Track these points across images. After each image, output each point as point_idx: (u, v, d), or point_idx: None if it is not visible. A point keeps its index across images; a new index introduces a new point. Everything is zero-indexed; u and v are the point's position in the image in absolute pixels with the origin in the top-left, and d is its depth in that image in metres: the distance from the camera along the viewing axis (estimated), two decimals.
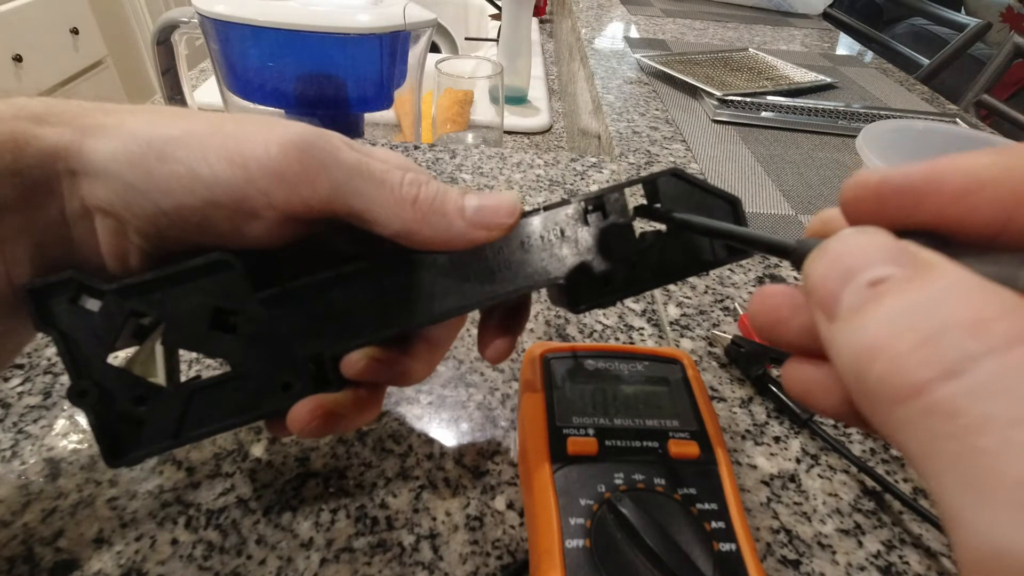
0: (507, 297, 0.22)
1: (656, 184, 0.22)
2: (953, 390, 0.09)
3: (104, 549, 0.24)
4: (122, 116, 0.20)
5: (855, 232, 0.12)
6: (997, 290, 0.10)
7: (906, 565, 0.25)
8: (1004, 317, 0.09)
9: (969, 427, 0.09)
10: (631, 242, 0.22)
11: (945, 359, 0.09)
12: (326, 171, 0.20)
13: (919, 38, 2.05)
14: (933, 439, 0.09)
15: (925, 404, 0.09)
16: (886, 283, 0.11)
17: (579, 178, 0.53)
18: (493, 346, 0.23)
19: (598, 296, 0.22)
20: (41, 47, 1.56)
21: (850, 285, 0.11)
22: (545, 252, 0.22)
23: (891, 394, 0.10)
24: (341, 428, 0.22)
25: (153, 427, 0.21)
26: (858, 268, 0.11)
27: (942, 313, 0.10)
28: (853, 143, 0.45)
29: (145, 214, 0.20)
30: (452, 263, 0.22)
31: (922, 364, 0.09)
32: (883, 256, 0.11)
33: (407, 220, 0.20)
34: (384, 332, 0.22)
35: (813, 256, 0.13)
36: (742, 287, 0.41)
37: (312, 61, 0.57)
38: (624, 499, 0.21)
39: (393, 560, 0.24)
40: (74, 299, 0.20)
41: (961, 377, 0.09)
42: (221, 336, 0.21)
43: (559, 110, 0.96)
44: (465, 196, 0.21)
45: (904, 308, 0.10)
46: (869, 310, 0.11)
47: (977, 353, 0.09)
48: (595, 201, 0.22)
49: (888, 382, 0.10)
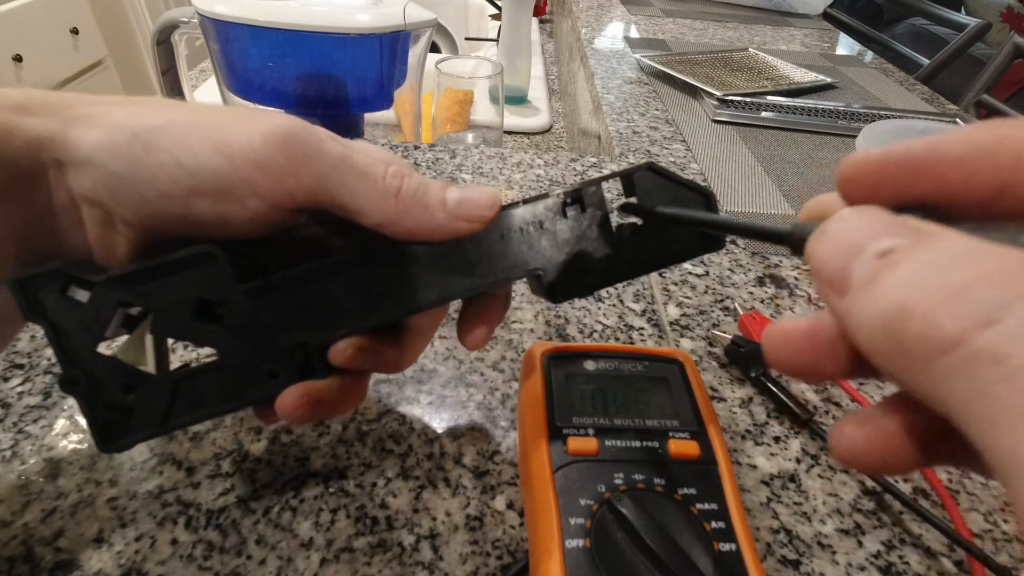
0: (487, 287, 0.23)
1: (632, 178, 0.23)
2: (995, 336, 0.09)
3: (104, 549, 0.24)
4: (107, 107, 0.20)
5: (854, 211, 0.13)
6: (1004, 248, 0.10)
7: (906, 565, 0.25)
8: (1020, 267, 0.10)
9: (1019, 368, 0.09)
10: (608, 234, 0.23)
11: (978, 309, 0.10)
12: (310, 162, 0.20)
13: (919, 38, 2.05)
14: (983, 385, 0.09)
15: (968, 353, 0.10)
16: (895, 253, 0.11)
17: (579, 178, 0.53)
18: (472, 335, 0.24)
19: (576, 287, 0.23)
20: (41, 47, 1.56)
21: (859, 259, 0.12)
22: (524, 244, 0.23)
23: (930, 349, 0.10)
24: (327, 414, 0.23)
25: (142, 414, 0.21)
26: (864, 242, 0.12)
27: (961, 270, 0.10)
28: (853, 143, 0.45)
29: (131, 204, 0.20)
30: (434, 254, 0.22)
31: (956, 317, 0.10)
32: (886, 229, 0.12)
33: (390, 211, 0.21)
34: (368, 322, 0.22)
35: (815, 237, 0.13)
36: (742, 287, 0.41)
37: (312, 61, 0.57)
38: (624, 499, 0.21)
39: (393, 560, 0.24)
40: (63, 290, 0.20)
41: (1000, 324, 0.09)
42: (207, 326, 0.21)
43: (559, 110, 0.96)
44: (447, 189, 0.22)
45: (921, 270, 0.11)
46: (886, 277, 0.11)
47: (1009, 300, 0.09)
48: (574, 194, 0.23)
49: (926, 337, 0.10)
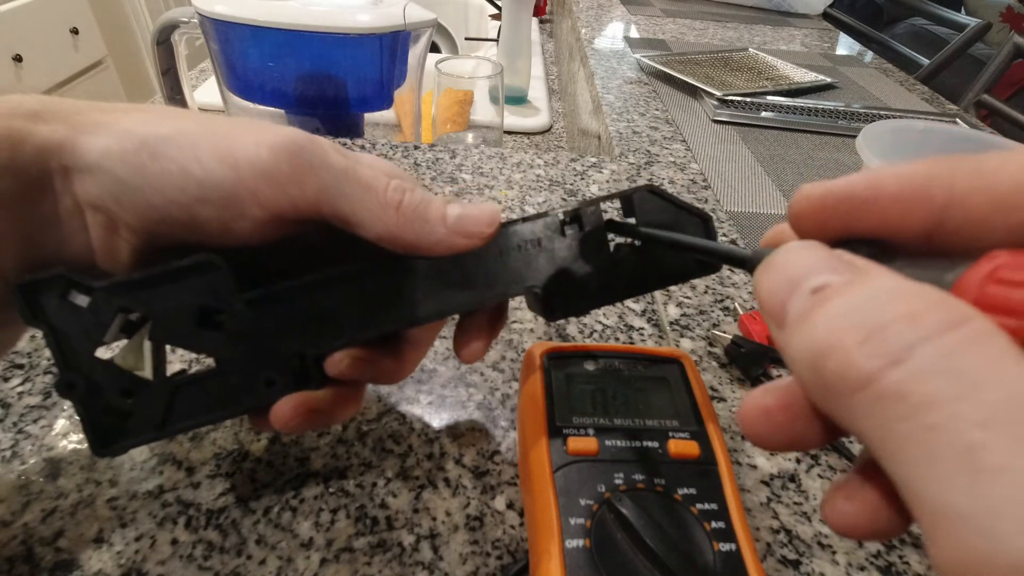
0: (485, 303, 0.23)
1: (632, 199, 0.23)
2: (900, 375, 0.10)
3: (104, 549, 0.24)
4: (116, 114, 0.21)
5: (795, 246, 0.13)
6: (924, 287, 0.11)
7: (906, 565, 0.25)
8: (934, 309, 0.10)
9: (918, 406, 0.10)
10: (605, 254, 0.23)
11: (889, 349, 0.10)
12: (314, 173, 0.20)
13: (919, 38, 2.05)
14: (887, 422, 0.10)
15: (876, 391, 0.10)
16: (827, 289, 0.12)
17: (579, 178, 0.53)
18: (469, 348, 0.24)
19: (572, 305, 0.23)
20: (41, 47, 1.56)
21: (795, 294, 0.12)
22: (523, 261, 0.23)
23: (846, 386, 0.11)
24: (322, 424, 0.23)
25: (139, 419, 0.22)
26: (800, 278, 0.13)
27: (880, 309, 0.11)
28: (853, 143, 0.45)
29: (136, 210, 0.20)
30: (433, 269, 0.22)
31: (869, 356, 0.10)
32: (822, 265, 0.12)
33: (391, 224, 0.21)
34: (366, 334, 0.22)
35: (760, 269, 0.14)
36: (742, 287, 0.41)
37: (312, 61, 0.57)
38: (624, 499, 0.21)
39: (393, 560, 0.24)
40: (64, 295, 0.20)
41: (905, 363, 0.10)
42: (206, 333, 0.21)
43: (559, 110, 0.96)
44: (448, 205, 0.22)
45: (846, 309, 0.11)
46: (815, 314, 0.12)
47: (915, 340, 0.10)
48: (572, 214, 0.23)
49: (842, 375, 0.11)
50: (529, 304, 0.25)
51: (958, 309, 0.10)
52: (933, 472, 0.09)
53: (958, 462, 0.09)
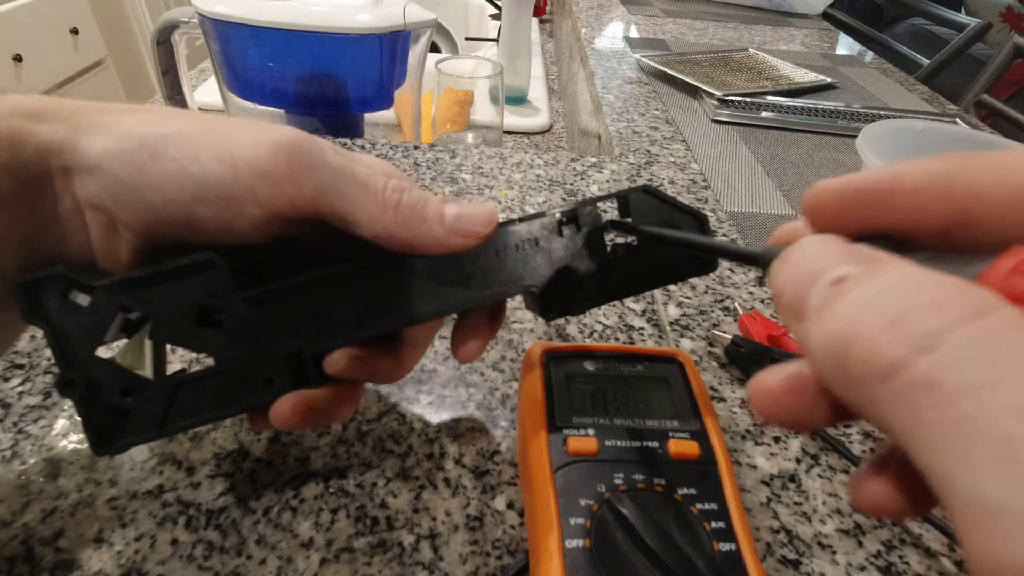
0: (482, 302, 0.23)
1: (628, 199, 0.23)
2: (930, 363, 0.10)
3: (104, 549, 0.24)
4: (116, 115, 0.21)
5: (813, 239, 0.13)
6: (948, 277, 0.11)
7: (906, 565, 0.25)
8: (960, 296, 0.10)
9: (950, 395, 0.09)
10: (602, 254, 0.23)
11: (916, 336, 0.10)
12: (312, 172, 0.20)
13: (919, 38, 2.05)
14: (917, 411, 0.10)
15: (905, 380, 0.10)
16: (847, 280, 0.12)
17: (579, 178, 0.53)
18: (466, 347, 0.24)
19: (569, 304, 0.23)
20: (41, 47, 1.56)
21: (815, 286, 0.12)
22: (520, 261, 0.23)
23: (871, 374, 0.10)
24: (321, 422, 0.23)
25: (139, 417, 0.22)
26: (821, 270, 0.12)
27: (905, 297, 0.11)
28: (853, 143, 0.45)
29: (136, 210, 0.20)
30: (431, 268, 0.23)
31: (895, 342, 0.10)
32: (842, 257, 0.12)
33: (388, 223, 0.21)
34: (364, 333, 0.23)
35: (777, 263, 0.14)
36: (742, 287, 0.41)
37: (312, 61, 0.57)
38: (624, 499, 0.21)
39: (393, 560, 0.24)
40: (64, 294, 0.20)
41: (935, 351, 0.10)
42: (206, 332, 0.22)
43: (559, 110, 0.96)
44: (445, 204, 0.22)
45: (868, 296, 0.11)
46: (837, 303, 0.12)
47: (944, 327, 0.10)
48: (569, 214, 0.23)
49: (867, 363, 0.10)
50: (527, 304, 0.26)
51: (985, 297, 0.10)
52: (968, 462, 0.09)
53: (995, 452, 0.09)
